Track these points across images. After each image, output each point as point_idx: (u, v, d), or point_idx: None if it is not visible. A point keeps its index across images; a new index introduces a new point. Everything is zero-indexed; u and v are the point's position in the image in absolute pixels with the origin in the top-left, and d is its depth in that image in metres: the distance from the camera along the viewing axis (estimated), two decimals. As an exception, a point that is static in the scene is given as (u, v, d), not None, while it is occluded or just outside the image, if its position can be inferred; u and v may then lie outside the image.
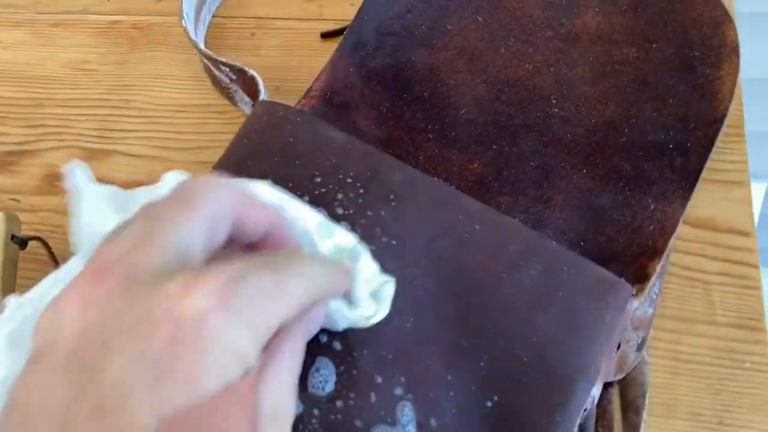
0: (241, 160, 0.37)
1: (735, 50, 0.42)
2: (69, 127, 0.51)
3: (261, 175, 0.31)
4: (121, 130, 0.51)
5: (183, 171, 0.32)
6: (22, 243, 0.43)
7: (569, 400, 0.31)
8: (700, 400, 0.39)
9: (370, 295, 0.29)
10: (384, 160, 0.35)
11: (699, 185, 0.44)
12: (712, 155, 0.41)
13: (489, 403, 0.32)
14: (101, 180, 0.47)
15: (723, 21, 0.43)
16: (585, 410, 0.32)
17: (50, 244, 0.43)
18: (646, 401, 0.37)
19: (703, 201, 0.44)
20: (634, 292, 0.35)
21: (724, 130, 0.45)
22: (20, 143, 0.50)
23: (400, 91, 0.45)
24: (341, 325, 0.30)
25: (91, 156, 0.49)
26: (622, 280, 0.34)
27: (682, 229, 0.43)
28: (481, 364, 0.32)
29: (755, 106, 0.52)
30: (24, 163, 0.49)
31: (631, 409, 0.36)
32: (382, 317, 0.30)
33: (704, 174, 0.45)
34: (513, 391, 0.31)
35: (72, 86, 0.53)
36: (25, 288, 0.41)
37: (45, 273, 0.43)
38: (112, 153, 0.50)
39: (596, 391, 0.34)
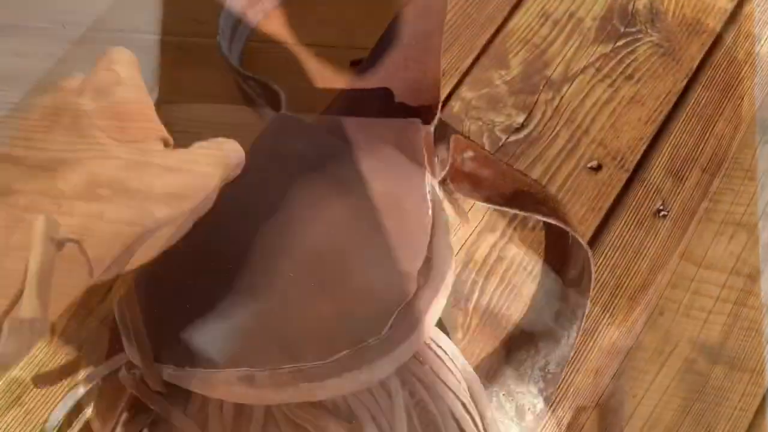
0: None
1: None
2: (112, 139, 0.54)
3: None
4: (159, 144, 0.53)
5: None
6: (59, 245, 0.45)
7: None
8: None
9: None
10: None
11: (706, 225, 0.45)
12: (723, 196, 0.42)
13: None
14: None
15: None
16: None
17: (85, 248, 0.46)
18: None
19: (710, 241, 0.45)
20: None
21: (736, 173, 0.46)
22: (66, 150, 0.53)
23: None
24: None
25: (128, 167, 0.52)
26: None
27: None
28: None
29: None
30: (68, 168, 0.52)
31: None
32: None
33: (713, 215, 0.45)
34: None
35: (117, 101, 0.56)
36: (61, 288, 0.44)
37: (78, 276, 0.46)
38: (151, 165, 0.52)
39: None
